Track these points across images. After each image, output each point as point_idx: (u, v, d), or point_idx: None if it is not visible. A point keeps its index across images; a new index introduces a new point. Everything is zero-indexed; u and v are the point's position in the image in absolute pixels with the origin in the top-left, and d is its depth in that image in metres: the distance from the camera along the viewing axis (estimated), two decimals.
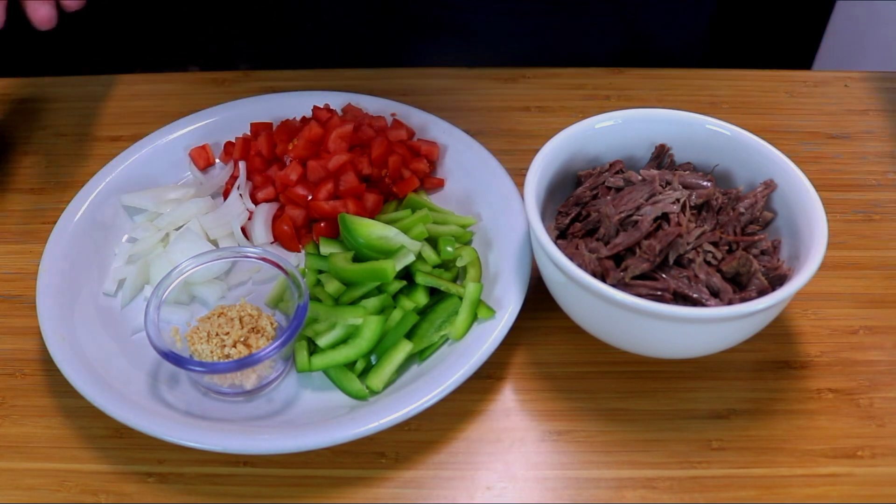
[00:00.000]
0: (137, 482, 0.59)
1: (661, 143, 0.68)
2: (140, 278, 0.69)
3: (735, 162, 0.67)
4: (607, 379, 0.64)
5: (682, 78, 0.90)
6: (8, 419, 0.62)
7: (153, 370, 0.64)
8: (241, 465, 0.59)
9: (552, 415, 0.62)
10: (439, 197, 0.77)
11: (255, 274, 0.70)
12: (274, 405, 0.62)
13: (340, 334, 0.63)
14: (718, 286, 0.59)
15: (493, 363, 0.63)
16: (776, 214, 0.65)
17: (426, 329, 0.64)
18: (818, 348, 0.66)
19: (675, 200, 0.62)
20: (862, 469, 0.59)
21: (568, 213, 0.66)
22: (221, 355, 0.61)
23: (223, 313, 0.63)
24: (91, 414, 0.60)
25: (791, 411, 0.62)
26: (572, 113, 0.86)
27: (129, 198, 0.74)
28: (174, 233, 0.72)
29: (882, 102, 0.88)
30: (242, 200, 0.74)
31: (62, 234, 0.70)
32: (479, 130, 0.82)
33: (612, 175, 0.67)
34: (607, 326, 0.60)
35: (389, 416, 0.58)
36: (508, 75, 0.90)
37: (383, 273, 0.64)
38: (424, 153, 0.77)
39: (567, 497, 0.58)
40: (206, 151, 0.79)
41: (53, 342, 0.62)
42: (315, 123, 0.75)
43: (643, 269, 0.59)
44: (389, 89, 0.87)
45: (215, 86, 0.90)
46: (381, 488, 0.58)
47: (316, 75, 0.90)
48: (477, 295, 0.64)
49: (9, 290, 0.71)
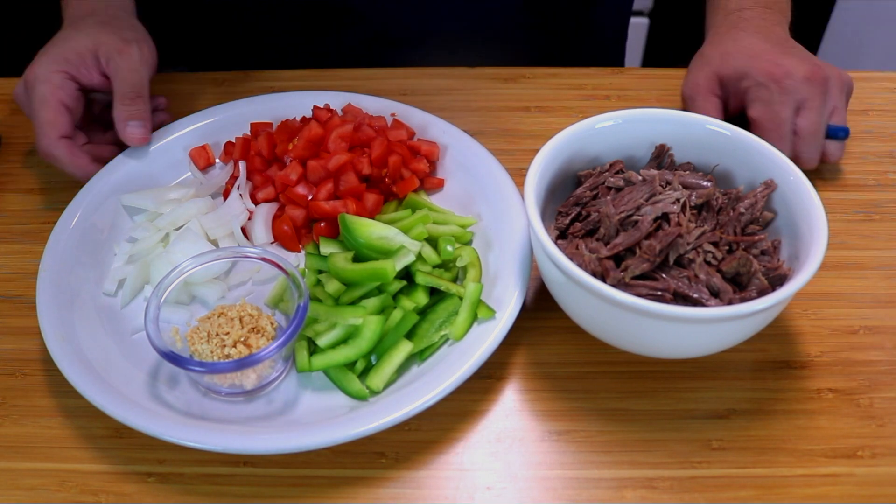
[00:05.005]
0: (137, 482, 0.59)
1: (661, 143, 0.68)
2: (140, 278, 0.69)
3: (735, 162, 0.67)
4: (607, 379, 0.64)
5: (682, 78, 0.90)
6: (8, 419, 0.62)
7: (153, 370, 0.64)
8: (241, 465, 0.59)
9: (552, 415, 0.62)
10: (439, 197, 0.77)
11: (255, 274, 0.70)
12: (274, 405, 0.62)
13: (340, 334, 0.63)
14: (718, 286, 0.59)
15: (493, 363, 0.63)
16: (776, 214, 0.65)
17: (426, 329, 0.64)
18: (818, 348, 0.66)
19: (675, 200, 0.62)
20: (862, 469, 0.59)
21: (568, 213, 0.66)
22: (221, 355, 0.61)
23: (223, 313, 0.63)
24: (91, 414, 0.60)
25: (791, 411, 0.62)
26: (572, 113, 0.86)
27: (129, 198, 0.74)
28: (174, 233, 0.72)
29: (882, 102, 0.88)
30: (242, 200, 0.74)
31: (62, 234, 0.70)
32: (479, 130, 0.82)
33: (612, 175, 0.67)
34: (607, 326, 0.60)
35: (389, 416, 0.58)
36: (508, 75, 0.90)
37: (383, 273, 0.64)
38: (424, 153, 0.77)
39: (567, 497, 0.58)
40: (206, 151, 0.79)
41: (53, 342, 0.62)
42: (315, 123, 0.75)
43: (643, 269, 0.59)
44: (389, 89, 0.87)
45: (215, 86, 0.90)
46: (381, 488, 0.58)
47: (316, 75, 0.90)
48: (477, 295, 0.64)
49: (9, 290, 0.71)
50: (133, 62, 0.76)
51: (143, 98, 0.76)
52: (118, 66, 0.76)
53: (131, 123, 0.75)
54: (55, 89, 0.74)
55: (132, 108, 0.75)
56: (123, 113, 0.75)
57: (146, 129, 0.76)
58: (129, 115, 0.75)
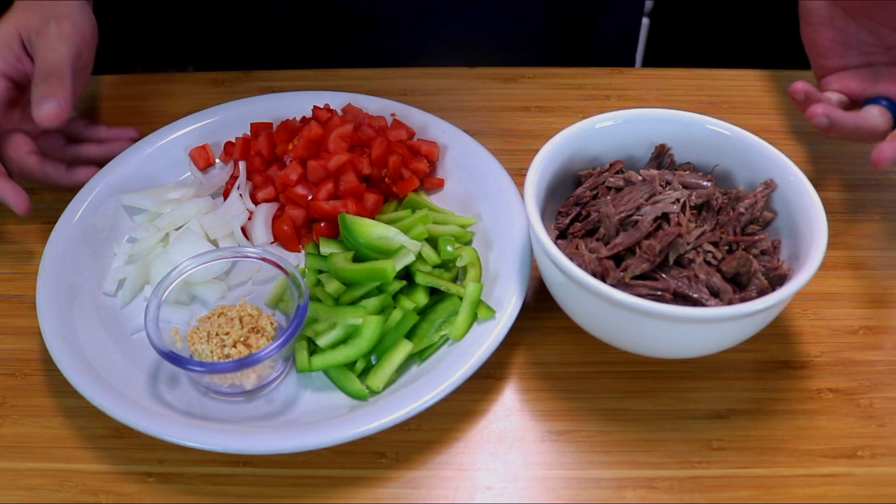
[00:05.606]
0: (137, 482, 0.59)
1: (661, 143, 0.68)
2: (140, 278, 0.69)
3: (735, 162, 0.67)
4: (607, 379, 0.64)
5: (682, 78, 0.90)
6: (8, 419, 0.62)
7: (153, 370, 0.64)
8: (241, 465, 0.59)
9: (552, 415, 0.62)
10: (439, 197, 0.77)
11: (255, 274, 0.70)
12: (274, 405, 0.62)
13: (340, 334, 0.63)
14: (718, 286, 0.59)
15: (493, 363, 0.63)
16: (776, 214, 0.65)
17: (426, 329, 0.64)
18: (818, 348, 0.66)
19: (675, 200, 0.62)
20: (862, 469, 0.59)
21: (568, 213, 0.66)
22: (221, 355, 0.61)
23: (223, 313, 0.63)
24: (91, 414, 0.60)
25: (791, 411, 0.62)
26: (572, 113, 0.86)
27: (129, 198, 0.74)
28: (174, 233, 0.72)
29: None
30: (242, 200, 0.74)
31: (62, 234, 0.70)
32: (479, 130, 0.82)
33: (612, 175, 0.67)
34: (607, 326, 0.60)
35: (389, 416, 0.58)
36: (508, 75, 0.90)
37: (383, 273, 0.64)
38: (424, 153, 0.77)
39: (567, 497, 0.58)
40: (206, 151, 0.79)
41: (53, 342, 0.62)
42: (315, 123, 0.75)
43: (643, 269, 0.59)
44: (389, 89, 0.87)
45: (215, 86, 0.90)
46: (381, 488, 0.58)
47: (316, 75, 0.90)
48: (477, 295, 0.64)
49: (9, 290, 0.71)
50: (50, 40, 0.71)
51: (56, 75, 0.70)
52: (36, 47, 0.71)
53: (43, 101, 0.69)
54: None
55: (44, 85, 0.70)
56: (36, 92, 0.69)
57: (61, 108, 0.69)
58: (42, 93, 0.69)
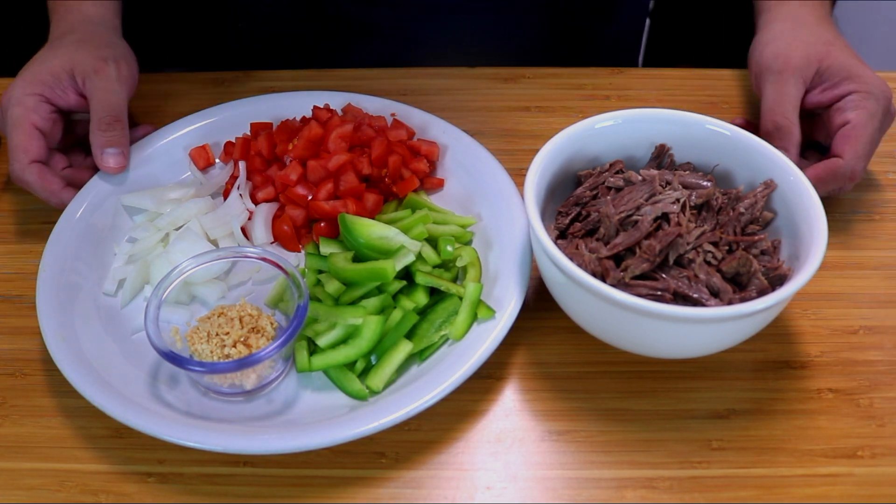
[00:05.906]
0: (137, 482, 0.59)
1: (661, 143, 0.68)
2: (140, 278, 0.69)
3: (735, 162, 0.67)
4: (607, 379, 0.64)
5: (682, 78, 0.90)
6: (8, 419, 0.62)
7: (153, 370, 0.64)
8: (241, 465, 0.59)
9: (552, 415, 0.62)
10: (439, 197, 0.77)
11: (255, 274, 0.70)
12: (274, 405, 0.62)
13: (340, 334, 0.63)
14: (718, 286, 0.59)
15: (493, 363, 0.63)
16: (776, 214, 0.65)
17: (426, 329, 0.64)
18: (818, 348, 0.66)
19: (675, 200, 0.62)
20: (862, 469, 0.59)
21: (568, 213, 0.66)
22: (221, 355, 0.61)
23: (223, 313, 0.63)
24: (91, 414, 0.60)
25: (791, 411, 0.62)
26: (572, 113, 0.86)
27: (129, 198, 0.74)
28: (174, 233, 0.72)
29: None
30: (242, 200, 0.74)
31: (62, 234, 0.70)
32: (479, 130, 0.82)
33: (612, 175, 0.67)
34: (607, 326, 0.60)
35: (389, 416, 0.58)
36: (508, 75, 0.90)
37: (383, 273, 0.64)
38: (424, 153, 0.77)
39: (567, 497, 0.58)
40: (206, 151, 0.79)
41: (53, 342, 0.62)
42: (315, 123, 0.75)
43: (643, 269, 0.59)
44: (389, 89, 0.87)
45: (215, 86, 0.90)
46: (381, 488, 0.58)
47: (316, 75, 0.90)
48: (477, 295, 0.64)
49: (9, 290, 0.71)
50: (110, 82, 0.74)
51: (120, 122, 0.73)
52: (94, 87, 0.73)
53: (108, 151, 0.72)
54: (28, 112, 0.71)
55: (109, 133, 0.73)
56: (100, 139, 0.72)
57: (123, 157, 0.73)
58: (106, 141, 0.72)
